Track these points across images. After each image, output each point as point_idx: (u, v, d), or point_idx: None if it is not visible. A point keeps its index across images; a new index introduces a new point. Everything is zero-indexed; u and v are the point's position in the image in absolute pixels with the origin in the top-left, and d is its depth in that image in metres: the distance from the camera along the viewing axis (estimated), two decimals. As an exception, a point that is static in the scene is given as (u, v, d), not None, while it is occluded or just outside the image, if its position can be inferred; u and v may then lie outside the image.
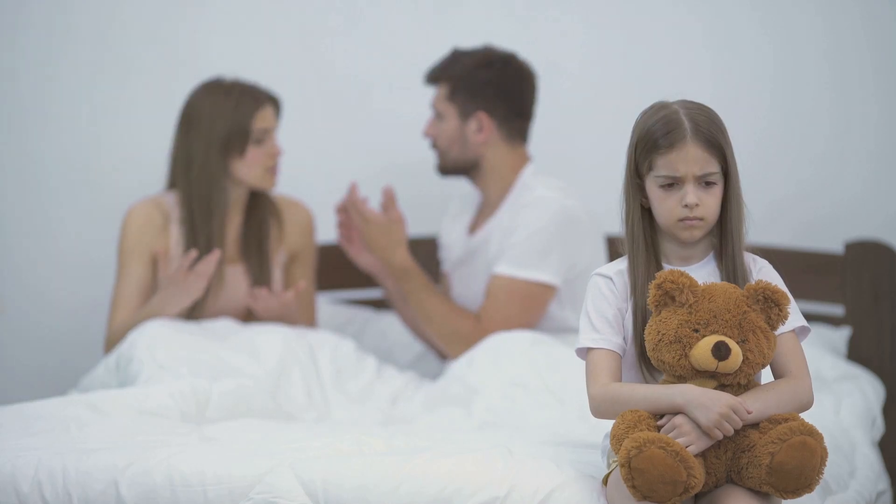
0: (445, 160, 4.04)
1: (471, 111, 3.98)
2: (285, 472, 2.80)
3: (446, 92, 4.00)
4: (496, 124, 3.98)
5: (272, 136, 4.01)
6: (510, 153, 4.01)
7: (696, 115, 2.71)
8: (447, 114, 4.00)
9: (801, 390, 2.68)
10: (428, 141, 4.08)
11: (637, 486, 2.56)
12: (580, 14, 4.48)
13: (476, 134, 3.98)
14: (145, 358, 3.65)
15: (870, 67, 4.39)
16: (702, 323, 2.63)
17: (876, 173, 4.38)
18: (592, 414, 2.72)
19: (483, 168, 4.02)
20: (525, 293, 3.89)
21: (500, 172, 4.01)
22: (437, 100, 4.02)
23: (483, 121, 3.97)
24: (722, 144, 2.70)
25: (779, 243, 4.18)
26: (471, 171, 4.04)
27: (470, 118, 3.98)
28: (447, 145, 4.02)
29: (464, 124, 3.99)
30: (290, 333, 3.90)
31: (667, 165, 2.70)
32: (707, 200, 2.70)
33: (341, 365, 3.90)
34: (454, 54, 4.03)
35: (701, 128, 2.69)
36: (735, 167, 2.72)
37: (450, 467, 2.77)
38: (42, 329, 4.51)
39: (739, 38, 4.43)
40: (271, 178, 4.03)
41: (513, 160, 4.01)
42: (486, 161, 4.01)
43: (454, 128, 4.00)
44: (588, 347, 2.74)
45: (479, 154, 4.00)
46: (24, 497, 2.86)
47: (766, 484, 2.60)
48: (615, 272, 2.76)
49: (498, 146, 4.00)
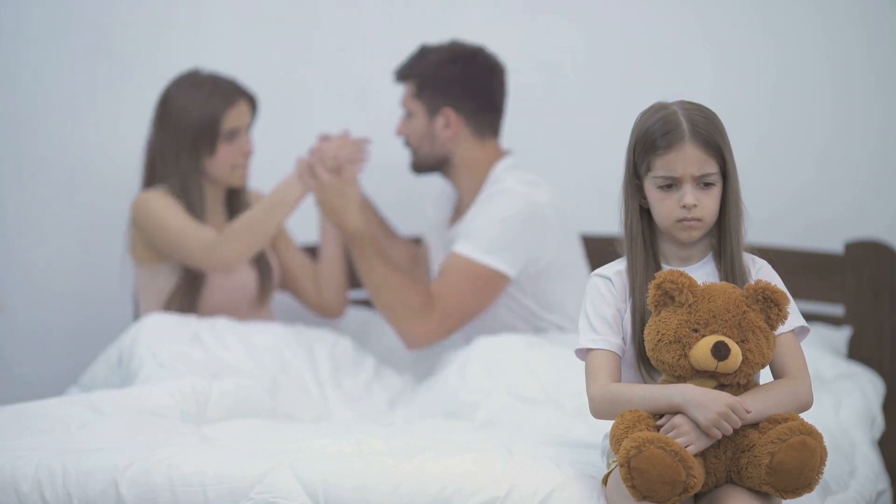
0: (417, 158, 4.04)
1: (438, 107, 3.97)
2: (285, 472, 2.80)
3: (413, 89, 4.00)
4: (464, 119, 3.98)
5: (244, 133, 4.00)
6: (480, 148, 4.00)
7: (695, 115, 2.71)
8: (415, 111, 4.00)
9: (800, 390, 2.68)
10: (401, 140, 4.07)
11: (636, 485, 2.56)
12: (579, 13, 4.48)
13: (444, 130, 3.98)
14: (146, 356, 3.66)
15: (870, 68, 4.39)
16: (701, 323, 2.63)
17: (876, 174, 4.38)
18: (592, 414, 2.72)
19: (454, 164, 4.01)
20: (479, 277, 3.86)
21: (472, 167, 4.00)
22: (406, 98, 4.02)
23: (450, 116, 3.97)
24: (720, 145, 2.70)
25: (779, 243, 4.18)
26: (443, 167, 4.03)
27: (437, 114, 3.97)
28: (417, 143, 4.01)
29: (431, 121, 3.98)
30: (287, 331, 3.90)
31: (665, 166, 2.70)
32: (705, 201, 2.70)
33: (339, 363, 3.90)
34: (421, 51, 4.02)
35: (699, 129, 2.69)
36: (734, 168, 2.72)
37: (450, 467, 2.78)
38: (42, 329, 4.51)
39: (740, 38, 4.43)
40: (241, 175, 4.02)
41: (484, 155, 4.00)
42: (457, 156, 4.00)
43: (423, 125, 3.99)
44: (587, 348, 2.74)
45: (449, 150, 3.99)
46: (24, 497, 2.86)
47: (765, 484, 2.60)
48: (614, 273, 2.76)
49: (467, 141, 3.99)
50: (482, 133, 4.00)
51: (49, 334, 4.51)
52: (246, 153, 4.00)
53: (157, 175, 4.01)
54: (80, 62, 4.50)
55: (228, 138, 3.98)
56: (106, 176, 4.49)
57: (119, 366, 3.74)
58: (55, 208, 4.51)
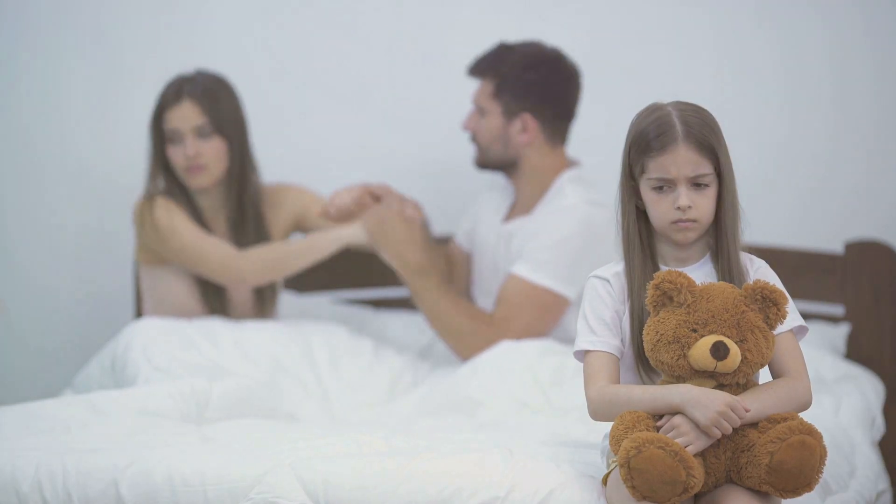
0: (486, 156, 4.00)
1: (516, 111, 3.94)
2: (285, 472, 2.80)
3: (491, 89, 3.95)
4: (540, 126, 3.95)
5: (188, 135, 3.94)
6: (550, 155, 3.98)
7: (689, 116, 2.70)
8: (491, 111, 3.96)
9: (799, 390, 2.68)
10: (467, 134, 4.03)
11: (636, 486, 2.56)
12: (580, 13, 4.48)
13: (520, 135, 3.95)
14: (140, 361, 3.67)
15: (870, 68, 4.39)
16: (700, 323, 2.63)
17: (876, 173, 4.38)
18: (590, 416, 2.72)
19: (522, 167, 3.99)
20: (541, 301, 3.86)
21: (539, 174, 3.98)
22: (481, 95, 3.98)
23: (528, 122, 3.94)
24: (714, 146, 2.69)
25: (779, 244, 4.18)
26: (508, 168, 4.00)
27: (514, 118, 3.94)
28: (488, 142, 3.98)
29: (508, 123, 3.95)
30: (282, 327, 3.91)
31: (658, 168, 2.69)
32: (700, 202, 2.69)
33: (336, 350, 3.90)
34: (501, 49, 3.98)
35: (692, 129, 2.68)
36: (729, 168, 2.71)
37: (450, 467, 2.77)
38: (42, 330, 4.51)
39: (740, 38, 4.43)
40: (190, 178, 3.97)
41: (552, 162, 3.98)
42: (527, 161, 3.98)
43: (497, 126, 3.96)
44: (585, 350, 2.74)
45: (520, 154, 3.97)
46: (24, 497, 2.86)
47: (765, 483, 2.60)
48: (612, 274, 2.76)
49: (540, 147, 3.97)
50: (554, 140, 3.98)
51: (49, 335, 4.50)
52: (188, 157, 3.94)
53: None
54: (80, 63, 4.50)
55: (172, 140, 3.95)
56: (106, 178, 4.49)
57: (113, 370, 3.74)
58: (55, 210, 4.51)
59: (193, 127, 3.95)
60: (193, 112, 3.95)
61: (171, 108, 3.95)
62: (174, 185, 4.00)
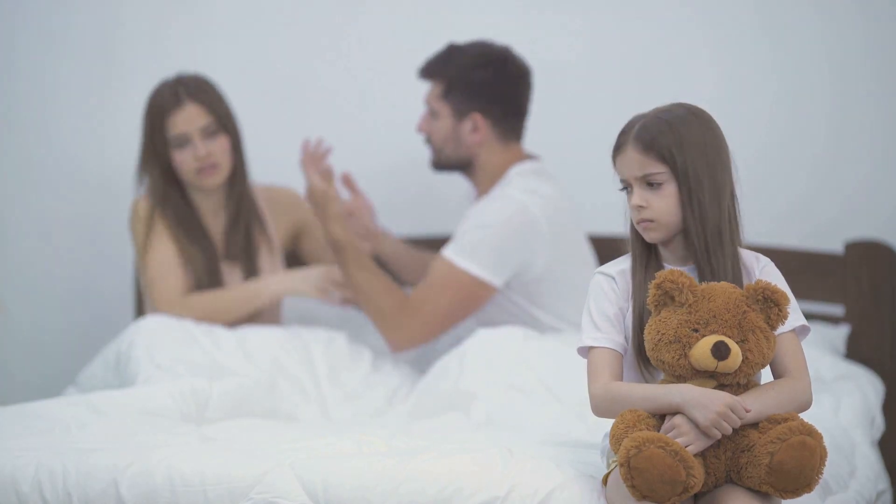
0: (440, 157, 4.02)
1: (466, 112, 3.96)
2: (285, 472, 2.80)
3: (441, 90, 3.98)
4: (491, 124, 3.97)
5: (196, 137, 3.93)
6: (503, 152, 3.99)
7: (653, 119, 2.71)
8: (441, 112, 3.98)
9: (800, 390, 2.68)
10: (422, 136, 4.07)
11: (636, 485, 2.56)
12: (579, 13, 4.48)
13: (471, 134, 3.97)
14: (143, 358, 3.67)
15: (870, 69, 4.38)
16: (701, 323, 2.63)
17: (876, 173, 4.38)
18: (593, 412, 2.72)
19: (476, 166, 4.00)
20: (461, 283, 3.84)
21: (493, 170, 3.99)
22: (431, 97, 4.00)
23: (478, 121, 3.96)
24: (669, 145, 2.69)
25: (779, 243, 4.18)
26: (464, 168, 4.02)
27: (465, 118, 3.96)
28: (441, 143, 4.00)
29: (458, 124, 3.97)
30: (282, 332, 3.91)
31: (618, 170, 2.74)
32: (654, 202, 2.70)
33: (336, 360, 3.90)
34: (449, 50, 4.00)
35: (644, 131, 2.70)
36: (693, 170, 2.69)
37: (450, 467, 2.77)
38: (42, 329, 4.51)
39: (740, 38, 4.43)
40: (203, 179, 3.97)
41: (506, 159, 3.99)
42: (480, 159, 3.99)
43: (448, 127, 3.98)
44: (589, 346, 2.74)
45: (474, 153, 3.99)
46: (24, 497, 2.86)
47: (765, 483, 2.60)
48: (618, 271, 2.77)
49: (492, 145, 3.99)
50: (507, 137, 3.99)
51: (49, 334, 4.51)
52: (200, 158, 3.94)
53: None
54: (79, 62, 4.50)
55: (178, 145, 3.94)
56: (105, 176, 4.49)
57: (117, 367, 3.74)
58: (55, 209, 4.51)
59: (200, 128, 3.94)
60: (198, 112, 3.94)
61: (173, 112, 3.93)
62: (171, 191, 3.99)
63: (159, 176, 3.98)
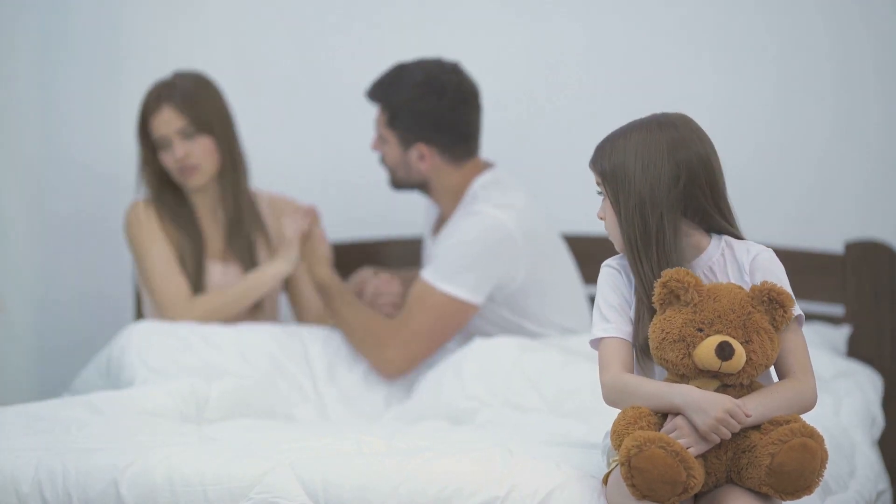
0: (395, 178, 4.00)
1: (411, 141, 3.91)
2: (285, 472, 2.80)
3: (386, 119, 3.94)
4: (438, 152, 3.92)
5: (176, 139, 3.98)
6: (457, 173, 3.95)
7: (608, 134, 2.74)
8: (389, 139, 3.94)
9: (804, 392, 2.67)
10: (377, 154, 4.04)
11: (636, 484, 2.56)
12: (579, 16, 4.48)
13: (419, 162, 3.93)
14: (137, 363, 3.67)
15: (871, 67, 4.38)
16: (706, 322, 2.63)
17: (876, 174, 4.38)
18: (604, 401, 2.71)
19: (433, 187, 3.97)
20: (441, 304, 3.83)
21: (450, 189, 3.96)
22: (379, 122, 3.97)
23: (423, 151, 3.91)
24: (598, 160, 2.73)
25: (779, 243, 4.18)
26: (422, 187, 3.99)
27: (411, 147, 3.92)
28: (393, 166, 3.97)
29: (405, 152, 3.93)
30: (279, 330, 3.91)
31: None
32: (606, 213, 2.75)
33: (333, 359, 3.90)
34: (395, 74, 3.95)
35: (596, 146, 2.74)
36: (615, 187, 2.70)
37: (450, 467, 2.77)
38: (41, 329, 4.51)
39: (741, 40, 4.43)
40: (185, 179, 4.00)
41: (461, 178, 3.95)
42: (434, 181, 3.96)
43: (397, 153, 3.94)
44: (599, 338, 2.74)
45: (426, 177, 3.96)
46: (24, 497, 2.86)
47: (765, 485, 2.60)
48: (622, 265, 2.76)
49: (443, 170, 3.94)
50: (458, 159, 3.94)
51: (48, 336, 4.50)
52: (178, 160, 3.98)
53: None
54: (80, 62, 4.50)
55: (161, 147, 4.00)
56: (105, 176, 4.49)
57: (108, 373, 3.74)
58: (55, 208, 4.51)
59: (176, 130, 3.98)
60: (173, 116, 3.98)
61: (153, 115, 3.99)
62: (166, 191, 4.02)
63: (153, 174, 4.03)
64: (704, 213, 2.72)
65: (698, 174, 2.69)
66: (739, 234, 2.76)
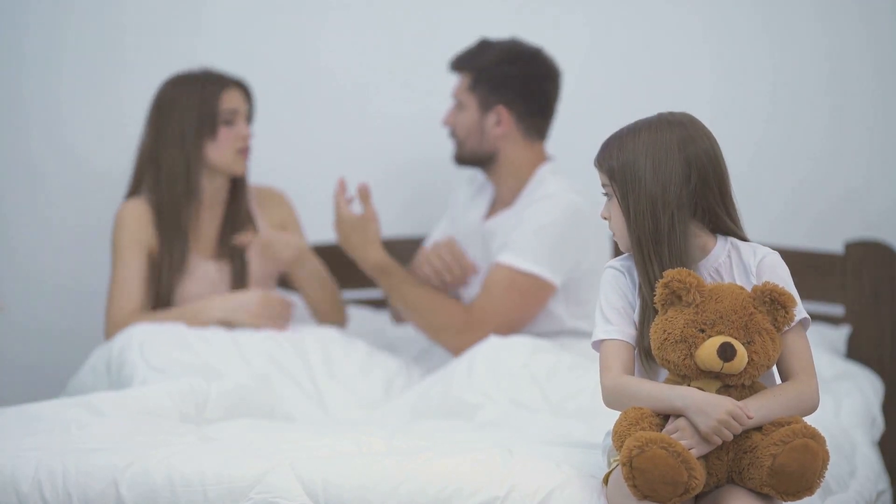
0: (462, 150, 4.02)
1: (491, 104, 3.96)
2: (285, 472, 2.80)
3: (468, 82, 3.99)
4: (515, 119, 3.97)
5: (241, 118, 4.01)
6: (527, 149, 4.00)
7: (614, 133, 2.73)
8: (467, 104, 3.99)
9: (806, 395, 2.66)
10: (447, 130, 4.06)
11: (638, 485, 2.56)
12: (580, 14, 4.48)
13: (494, 127, 3.97)
14: (138, 362, 3.68)
15: (869, 67, 4.39)
16: (708, 323, 2.63)
17: (876, 173, 4.39)
18: (605, 404, 2.71)
19: (499, 162, 4.00)
20: (524, 286, 3.87)
21: (516, 168, 4.00)
22: (459, 89, 4.01)
23: (502, 114, 3.96)
24: (607, 160, 2.71)
25: (779, 243, 4.18)
26: (486, 163, 4.02)
27: (489, 111, 3.97)
28: (465, 135, 4.00)
29: (483, 116, 3.97)
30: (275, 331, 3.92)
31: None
32: (611, 213, 2.74)
33: (330, 351, 3.90)
34: (481, 44, 4.02)
35: (602, 145, 2.73)
36: (624, 187, 2.69)
37: (450, 467, 2.77)
38: (42, 329, 4.51)
39: (739, 38, 4.43)
40: (242, 161, 4.02)
41: (529, 156, 4.00)
42: (503, 155, 3.99)
43: (473, 119, 3.98)
44: (601, 339, 2.73)
45: (496, 147, 3.98)
46: (24, 497, 2.85)
47: (766, 485, 2.60)
48: (626, 266, 2.76)
49: (515, 141, 3.99)
50: (531, 135, 4.00)
51: (49, 334, 4.50)
52: (244, 137, 4.00)
53: (143, 181, 4.03)
54: (80, 61, 4.50)
55: (227, 121, 3.99)
56: (106, 175, 4.48)
57: (108, 372, 3.74)
58: (55, 208, 4.50)
59: (244, 111, 4.02)
60: (242, 98, 4.03)
61: (226, 90, 3.99)
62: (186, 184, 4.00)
63: (182, 161, 3.97)
64: (713, 213, 2.71)
65: (708, 173, 2.69)
66: (744, 236, 2.75)
